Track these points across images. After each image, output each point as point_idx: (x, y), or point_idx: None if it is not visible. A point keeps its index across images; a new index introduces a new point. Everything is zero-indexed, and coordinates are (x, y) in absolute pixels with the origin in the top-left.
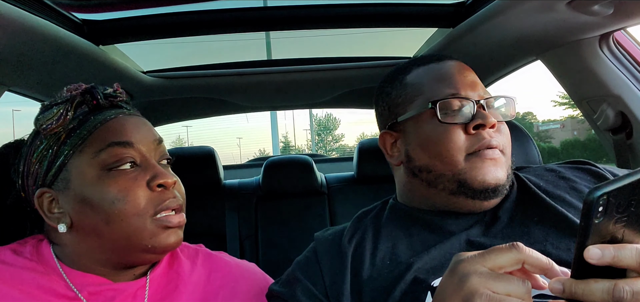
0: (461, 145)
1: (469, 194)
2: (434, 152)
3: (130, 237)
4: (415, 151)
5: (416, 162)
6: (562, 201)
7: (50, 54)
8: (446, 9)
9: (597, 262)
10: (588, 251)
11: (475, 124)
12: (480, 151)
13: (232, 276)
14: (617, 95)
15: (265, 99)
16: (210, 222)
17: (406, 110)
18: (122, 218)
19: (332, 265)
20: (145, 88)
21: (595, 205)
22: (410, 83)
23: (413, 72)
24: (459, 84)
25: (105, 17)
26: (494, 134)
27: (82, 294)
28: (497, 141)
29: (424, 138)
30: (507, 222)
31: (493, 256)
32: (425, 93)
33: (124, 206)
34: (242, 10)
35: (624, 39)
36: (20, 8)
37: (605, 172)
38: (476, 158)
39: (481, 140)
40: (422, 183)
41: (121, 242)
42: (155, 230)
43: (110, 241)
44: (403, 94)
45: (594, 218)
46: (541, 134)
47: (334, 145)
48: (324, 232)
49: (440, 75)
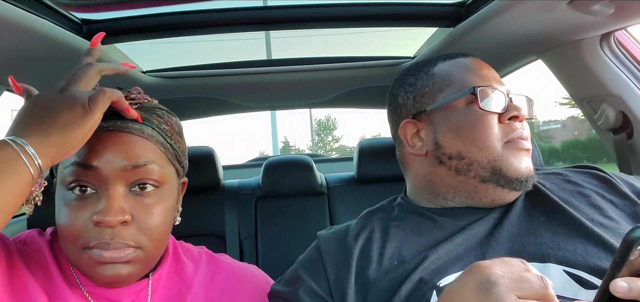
0: (497, 133)
1: (500, 182)
2: (470, 138)
3: (72, 261)
4: (445, 138)
5: (446, 150)
6: (568, 204)
7: (50, 54)
8: (446, 8)
9: (623, 296)
10: (614, 283)
11: (511, 115)
12: (516, 140)
13: (235, 278)
14: (617, 95)
15: (265, 99)
16: (210, 222)
17: (435, 99)
18: (63, 239)
19: (337, 263)
20: (145, 88)
21: (636, 244)
22: (439, 74)
23: (440, 65)
24: (490, 77)
25: (105, 17)
26: (522, 127)
27: (87, 291)
28: (527, 133)
29: (459, 125)
30: (515, 221)
31: (526, 286)
32: (456, 83)
33: (63, 230)
34: (241, 9)
35: (625, 38)
36: (20, 8)
37: (613, 177)
38: (513, 147)
39: (515, 130)
40: (450, 171)
41: (71, 261)
42: (90, 262)
43: (67, 257)
44: (430, 84)
45: (630, 255)
46: (542, 134)
47: (334, 146)
48: (327, 230)
49: (470, 68)
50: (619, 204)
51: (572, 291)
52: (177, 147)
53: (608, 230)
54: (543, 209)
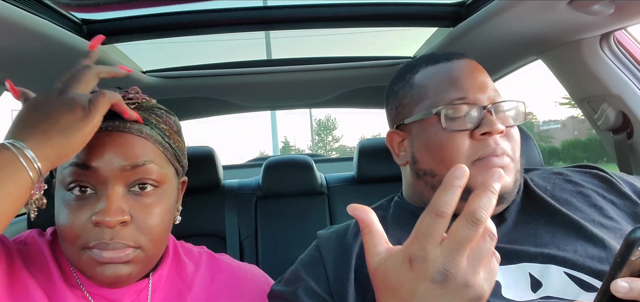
0: (466, 151)
1: None
2: (439, 157)
3: (72, 261)
4: (420, 153)
5: (421, 165)
6: (568, 205)
7: (50, 54)
8: (446, 8)
9: (623, 296)
10: (615, 284)
11: (482, 131)
12: (487, 158)
13: (235, 279)
14: (617, 95)
15: (265, 98)
16: (210, 222)
17: (412, 112)
18: (62, 240)
19: (336, 262)
20: (145, 88)
21: (636, 244)
22: (417, 84)
23: (421, 72)
24: (468, 87)
25: (105, 17)
26: (500, 140)
27: (87, 291)
28: (504, 148)
29: (429, 143)
30: (512, 224)
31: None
32: (431, 96)
33: (63, 230)
34: (241, 9)
35: (624, 38)
36: (20, 8)
37: (614, 177)
38: (483, 165)
39: (487, 147)
40: (427, 186)
41: (71, 262)
42: (90, 262)
43: (68, 257)
44: (409, 95)
45: (631, 256)
46: (542, 134)
47: (334, 146)
48: (327, 230)
49: (448, 77)
50: (619, 204)
51: (573, 293)
52: (176, 146)
53: (608, 230)
54: (541, 212)
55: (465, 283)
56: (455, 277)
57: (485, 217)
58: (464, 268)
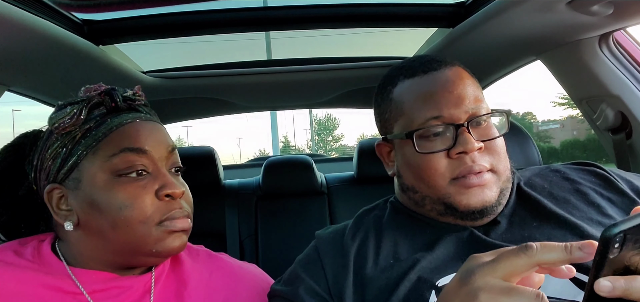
0: (443, 171)
1: (456, 215)
2: (418, 176)
3: (135, 243)
4: (403, 169)
5: (404, 180)
6: (565, 203)
7: (50, 54)
8: (446, 9)
9: (607, 295)
10: (598, 283)
11: (457, 151)
12: (465, 177)
13: (234, 277)
14: (616, 95)
15: (265, 99)
16: (210, 222)
17: (392, 128)
18: (128, 224)
19: (335, 262)
20: (145, 88)
21: (612, 242)
22: (395, 99)
23: (398, 86)
24: (442, 103)
25: (105, 17)
26: (479, 156)
27: (87, 291)
28: (483, 164)
29: (409, 162)
30: (506, 226)
31: (505, 264)
32: (407, 114)
33: (130, 213)
34: (242, 10)
35: (623, 39)
36: (20, 8)
37: (611, 174)
38: (460, 183)
39: (463, 165)
40: (410, 200)
41: (126, 247)
42: (160, 235)
43: (115, 244)
44: (388, 110)
45: (609, 254)
46: (541, 134)
47: (334, 145)
48: (325, 230)
49: (422, 94)
50: (617, 202)
51: (571, 293)
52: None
53: None
54: (535, 212)
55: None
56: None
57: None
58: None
